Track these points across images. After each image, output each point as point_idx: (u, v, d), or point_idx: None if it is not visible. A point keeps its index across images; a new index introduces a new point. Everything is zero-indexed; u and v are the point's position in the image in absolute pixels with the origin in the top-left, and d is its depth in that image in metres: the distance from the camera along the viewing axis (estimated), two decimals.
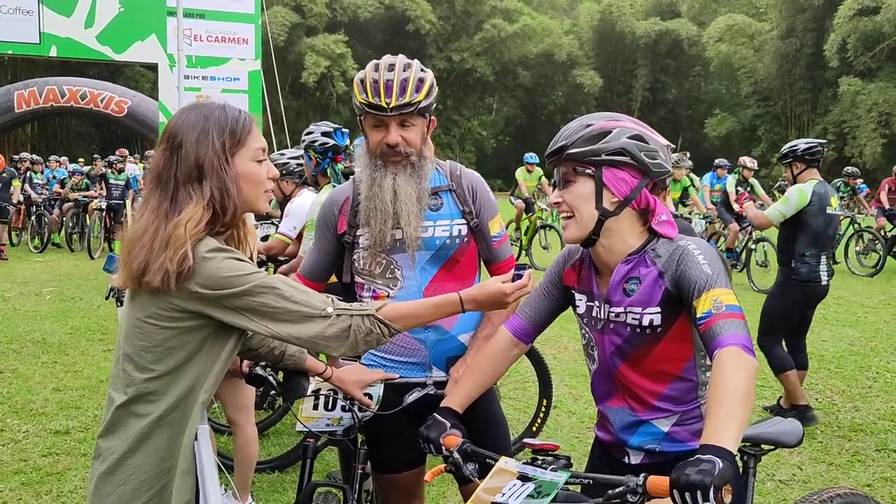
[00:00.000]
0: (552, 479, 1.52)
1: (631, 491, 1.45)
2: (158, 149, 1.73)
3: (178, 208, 1.65)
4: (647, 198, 1.79)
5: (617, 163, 1.75)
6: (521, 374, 5.11)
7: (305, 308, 1.68)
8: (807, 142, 5.11)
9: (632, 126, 1.78)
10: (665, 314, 1.75)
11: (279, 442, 4.52)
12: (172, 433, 1.67)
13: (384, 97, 2.10)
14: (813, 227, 4.84)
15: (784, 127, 42.97)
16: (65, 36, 10.44)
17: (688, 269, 1.70)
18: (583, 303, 1.92)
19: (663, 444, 1.83)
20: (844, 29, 35.95)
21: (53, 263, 12.20)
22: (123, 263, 1.66)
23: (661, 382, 1.81)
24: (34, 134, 33.38)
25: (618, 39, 46.34)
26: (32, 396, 5.28)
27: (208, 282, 1.61)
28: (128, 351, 1.68)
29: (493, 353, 2.02)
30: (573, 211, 1.79)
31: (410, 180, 2.17)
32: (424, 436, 1.86)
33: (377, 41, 42.27)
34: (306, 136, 4.05)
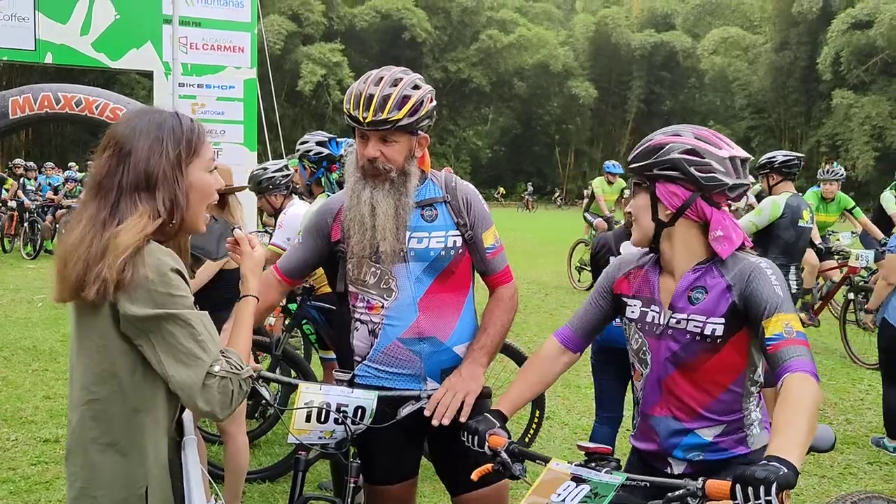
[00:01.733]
0: (609, 481, 1.55)
1: (691, 494, 1.49)
2: (101, 155, 1.62)
3: (118, 217, 1.56)
4: (703, 210, 1.82)
5: (669, 177, 1.81)
6: None
7: (203, 358, 1.56)
8: (785, 154, 5.17)
9: (688, 140, 1.81)
10: (728, 326, 1.80)
11: (270, 451, 4.50)
12: (124, 461, 1.58)
13: (362, 111, 2.09)
14: (784, 239, 4.91)
15: (778, 139, 43.19)
16: (60, 43, 10.43)
17: (760, 287, 1.75)
18: (637, 308, 1.96)
19: (707, 454, 1.86)
20: (838, 42, 36.23)
21: (46, 270, 12.14)
22: (60, 277, 1.55)
23: (710, 393, 1.85)
24: (28, 140, 33.32)
25: (613, 51, 46.58)
26: (22, 404, 5.24)
27: (141, 293, 1.51)
28: (76, 370, 1.61)
29: (542, 362, 2.09)
30: (636, 219, 1.92)
31: (388, 196, 2.16)
32: (472, 428, 1.90)
33: (373, 51, 42.36)
34: (301, 146, 4.05)
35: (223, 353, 1.62)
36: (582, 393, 5.67)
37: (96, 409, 1.58)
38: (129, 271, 1.50)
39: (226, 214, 3.43)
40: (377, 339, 2.25)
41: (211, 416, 1.59)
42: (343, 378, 2.28)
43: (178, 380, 1.54)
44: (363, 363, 2.29)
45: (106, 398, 1.57)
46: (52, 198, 15.16)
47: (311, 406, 2.13)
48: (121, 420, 1.58)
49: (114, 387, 1.57)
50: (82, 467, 1.60)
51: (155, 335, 1.54)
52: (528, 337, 7.57)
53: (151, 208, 1.58)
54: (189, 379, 1.54)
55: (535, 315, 9.03)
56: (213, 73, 10.75)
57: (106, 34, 10.47)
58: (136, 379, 1.58)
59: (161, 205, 1.59)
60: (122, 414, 1.58)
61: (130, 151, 1.59)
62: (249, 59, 11.06)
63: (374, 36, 42.81)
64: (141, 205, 1.57)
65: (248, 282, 1.86)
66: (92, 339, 1.57)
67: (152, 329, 1.53)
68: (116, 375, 1.57)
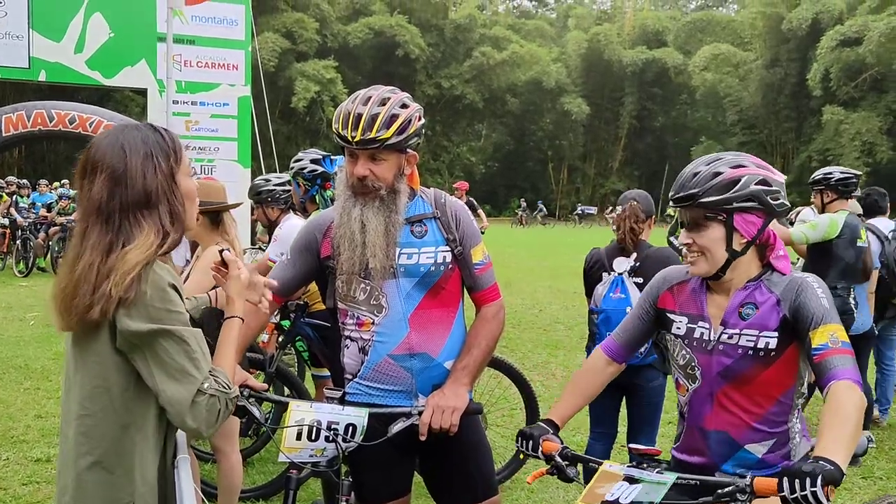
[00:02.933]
0: (661, 480, 1.65)
1: (740, 490, 1.60)
2: (93, 179, 1.60)
3: (123, 238, 1.56)
4: (770, 234, 1.95)
5: (747, 208, 1.88)
6: (508, 401, 5.09)
7: (196, 374, 1.58)
8: (842, 171, 4.89)
9: (757, 171, 1.89)
10: (781, 339, 1.88)
11: (264, 469, 4.47)
12: (110, 478, 1.58)
13: (350, 130, 2.11)
14: (845, 260, 4.70)
15: (769, 154, 43.46)
16: (54, 61, 10.46)
17: (808, 300, 1.85)
18: (683, 324, 2.03)
19: (755, 471, 1.85)
20: (827, 59, 36.60)
21: (38, 288, 12.08)
22: (66, 307, 1.55)
23: (762, 405, 1.91)
24: (21, 157, 33.27)
25: (605, 67, 46.92)
26: (13, 423, 5.21)
27: (139, 309, 1.53)
28: (71, 387, 1.63)
29: (590, 372, 2.19)
30: (704, 251, 1.92)
31: (378, 213, 2.17)
32: (527, 433, 1.98)
33: (367, 67, 42.55)
34: (295, 164, 4.07)
35: (211, 371, 1.63)
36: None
37: (87, 424, 1.58)
38: (134, 289, 1.52)
39: (220, 232, 3.42)
40: (367, 357, 2.25)
41: (196, 433, 1.61)
42: (334, 396, 2.28)
43: (169, 395, 1.56)
44: (354, 381, 2.29)
45: (96, 413, 1.58)
46: (46, 215, 15.12)
47: (301, 424, 2.12)
48: (110, 436, 1.58)
49: (105, 402, 1.58)
50: (71, 482, 1.60)
51: (149, 350, 1.55)
52: (522, 353, 7.55)
53: (156, 225, 1.60)
54: (179, 395, 1.56)
55: (530, 331, 9.02)
56: (207, 91, 10.79)
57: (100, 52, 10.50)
58: (127, 395, 1.59)
59: (164, 219, 1.61)
60: (112, 430, 1.58)
61: (125, 171, 1.59)
62: (243, 76, 11.10)
63: (368, 53, 43.01)
64: (144, 222, 1.59)
65: (234, 304, 1.87)
66: (88, 356, 1.58)
67: (147, 344, 1.55)
68: (109, 391, 1.58)
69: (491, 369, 4.33)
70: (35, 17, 10.31)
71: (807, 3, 38.69)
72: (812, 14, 38.09)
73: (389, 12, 42.90)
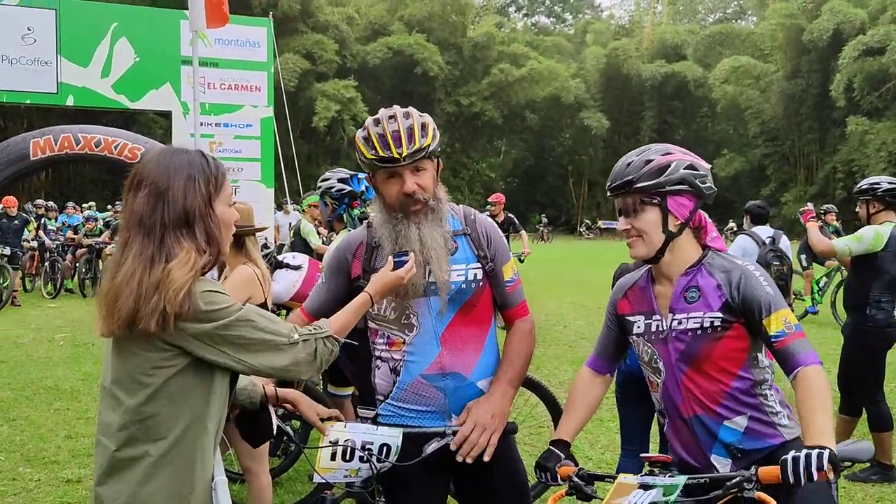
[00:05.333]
0: (673, 483, 1.77)
1: (746, 479, 1.74)
2: (137, 193, 1.70)
3: (165, 252, 1.64)
4: (701, 217, 2.09)
5: (678, 191, 2.02)
6: (536, 418, 5.04)
7: (277, 337, 1.74)
8: (890, 181, 4.73)
9: (684, 157, 2.05)
10: (724, 318, 1.99)
11: (292, 489, 4.46)
12: (175, 473, 1.66)
13: (395, 148, 2.10)
14: (890, 273, 4.58)
15: (793, 166, 43.04)
16: (81, 85, 10.66)
17: (754, 289, 1.97)
18: (641, 322, 2.14)
19: (745, 442, 2.01)
20: (850, 69, 36.23)
21: (66, 309, 12.24)
22: (108, 311, 1.64)
23: (722, 382, 2.01)
24: (48, 181, 33.81)
25: (624, 82, 46.83)
26: (44, 444, 5.25)
27: (195, 317, 1.64)
28: (117, 394, 1.67)
29: (581, 390, 2.28)
30: (642, 234, 2.05)
31: (434, 226, 2.18)
32: (542, 466, 2.07)
33: (386, 86, 42.85)
34: (322, 183, 4.08)
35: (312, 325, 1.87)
36: (605, 427, 5.60)
37: (149, 424, 1.65)
38: (187, 304, 1.61)
39: (243, 255, 3.44)
40: (399, 377, 2.23)
41: (298, 376, 1.81)
42: (367, 415, 2.26)
43: (267, 366, 1.73)
44: (386, 402, 2.27)
45: (158, 414, 1.66)
46: (73, 237, 15.34)
47: (335, 444, 2.11)
48: (173, 435, 1.66)
49: (166, 401, 1.66)
50: (127, 483, 1.65)
51: (223, 345, 1.67)
52: (548, 370, 7.50)
53: (195, 244, 1.68)
54: (272, 361, 1.72)
55: (554, 347, 8.96)
56: (230, 112, 10.93)
57: (126, 76, 10.69)
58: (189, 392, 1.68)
59: (201, 240, 1.69)
60: (178, 427, 1.66)
61: (167, 189, 1.68)
62: (266, 97, 11.23)
63: (387, 72, 43.32)
64: (185, 241, 1.67)
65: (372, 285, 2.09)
66: (139, 365, 1.66)
67: (219, 341, 1.67)
68: (170, 393, 1.66)
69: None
70: (63, 43, 10.52)
71: (827, 14, 38.37)
72: (833, 25, 37.77)
73: (408, 32, 43.22)
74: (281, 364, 1.74)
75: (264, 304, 3.38)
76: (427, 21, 44.10)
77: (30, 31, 10.52)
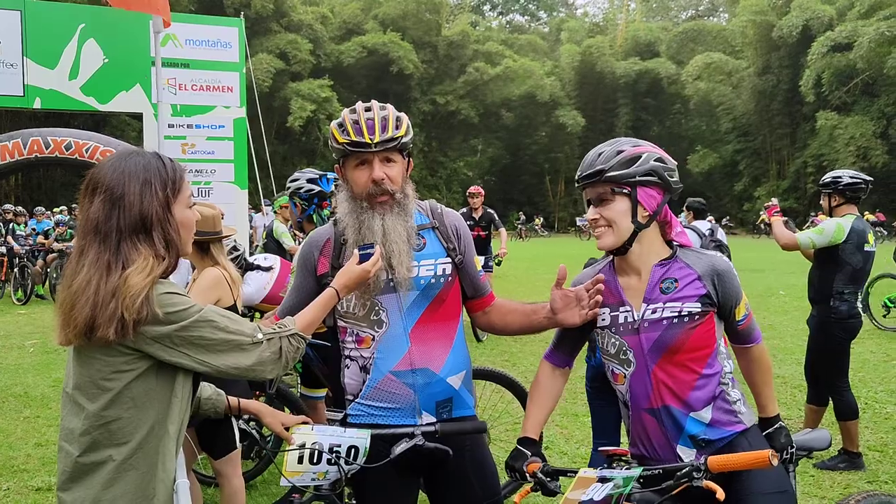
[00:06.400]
0: (629, 475, 1.83)
1: (695, 469, 1.80)
2: (92, 199, 1.68)
3: (122, 259, 1.63)
4: (668, 212, 2.12)
5: (648, 182, 2.05)
6: (511, 415, 5.06)
7: (239, 337, 1.72)
8: (852, 175, 4.82)
9: (654, 150, 2.09)
10: (702, 308, 2.05)
11: (267, 492, 4.44)
12: (139, 475, 1.66)
13: (367, 134, 2.13)
14: (851, 265, 4.67)
15: (765, 161, 43.63)
16: (49, 88, 10.48)
17: (730, 286, 2.08)
18: (606, 315, 2.16)
19: (709, 432, 2.06)
20: (818, 65, 36.83)
21: (37, 315, 12.05)
22: (65, 320, 1.62)
23: (693, 371, 2.06)
24: (18, 185, 33.30)
25: (598, 79, 47.19)
26: (14, 453, 5.17)
27: (155, 320, 1.62)
28: (79, 400, 1.67)
29: (543, 385, 2.31)
30: (611, 224, 2.07)
31: (398, 219, 2.18)
32: (510, 465, 2.12)
33: (361, 85, 42.73)
34: (291, 184, 4.06)
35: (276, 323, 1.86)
36: (580, 421, 5.64)
37: (112, 429, 1.65)
38: (146, 310, 1.60)
39: (207, 261, 3.40)
40: (369, 375, 2.22)
41: (263, 375, 1.78)
42: (335, 417, 2.25)
43: (229, 365, 1.71)
44: (355, 402, 2.26)
45: (121, 418, 1.65)
46: (43, 242, 15.11)
47: (302, 447, 2.09)
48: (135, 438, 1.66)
49: (128, 405, 1.65)
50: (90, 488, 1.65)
51: (185, 346, 1.66)
52: (524, 367, 7.53)
53: (153, 250, 1.66)
54: (235, 360, 1.72)
55: (531, 344, 8.99)
56: (202, 113, 10.82)
57: (94, 78, 10.54)
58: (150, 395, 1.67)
59: (159, 245, 1.67)
60: (141, 430, 1.66)
61: (123, 195, 1.66)
62: (239, 98, 11.14)
63: (362, 71, 43.21)
64: (141, 246, 1.65)
65: (338, 280, 2.08)
66: (99, 370, 1.64)
67: (179, 343, 1.65)
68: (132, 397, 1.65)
69: (493, 384, 4.30)
70: (29, 44, 10.35)
71: (796, 11, 38.97)
72: (802, 21, 38.37)
73: (382, 30, 43.17)
74: (245, 364, 1.73)
75: (233, 306, 3.35)
76: (401, 20, 44.08)
77: None
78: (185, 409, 1.76)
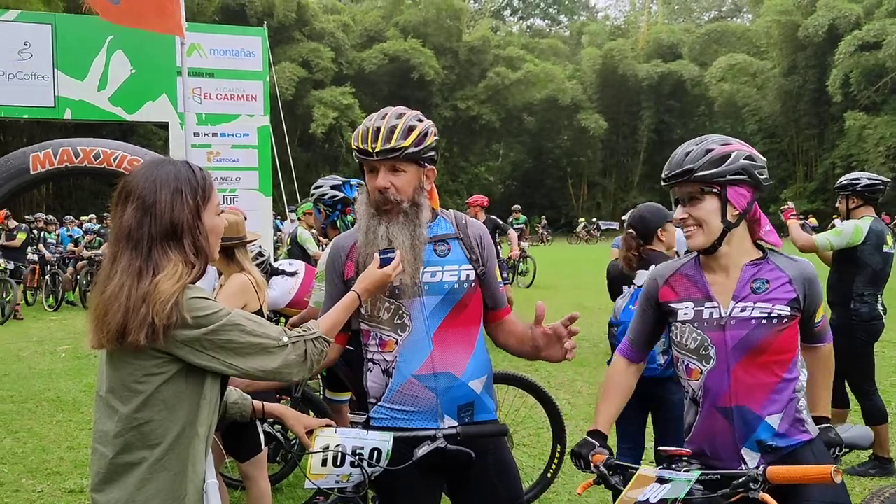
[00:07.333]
0: (686, 478, 1.82)
1: (752, 479, 1.79)
2: (125, 207, 1.72)
3: (153, 265, 1.67)
4: (757, 210, 2.12)
5: (737, 181, 2.04)
6: (534, 420, 5.07)
7: (266, 340, 1.77)
8: (869, 177, 4.84)
9: (743, 148, 2.09)
10: (791, 312, 2.06)
11: (292, 494, 4.49)
12: (171, 475, 1.70)
13: (370, 142, 2.17)
14: (871, 266, 4.67)
15: (791, 163, 43.06)
16: (78, 99, 10.69)
17: (818, 292, 2.10)
18: (689, 309, 2.14)
19: (776, 439, 2.05)
20: (846, 64, 36.26)
21: (68, 321, 12.28)
22: (98, 325, 1.67)
23: (775, 373, 2.05)
24: (49, 194, 33.90)
25: (620, 82, 46.89)
26: (47, 456, 5.28)
27: (184, 324, 1.66)
28: (112, 403, 1.71)
29: (615, 378, 2.33)
30: (700, 223, 2.07)
31: (404, 228, 2.20)
32: (576, 452, 2.16)
33: (383, 92, 42.91)
34: (315, 190, 4.11)
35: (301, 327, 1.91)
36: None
37: (144, 431, 1.68)
38: (175, 315, 1.64)
39: (233, 266, 3.46)
40: (391, 379, 2.25)
41: (289, 378, 1.83)
42: (358, 420, 2.29)
43: (256, 368, 1.76)
44: (378, 405, 2.29)
45: (153, 420, 1.69)
46: (73, 250, 15.38)
47: (326, 450, 2.13)
48: (168, 440, 1.70)
49: (159, 407, 1.69)
50: (124, 489, 1.69)
51: (213, 350, 1.71)
52: (547, 371, 7.52)
53: (183, 256, 1.71)
54: (262, 363, 1.76)
55: None
56: (227, 122, 10.96)
57: (122, 88, 10.73)
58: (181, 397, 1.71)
59: (189, 252, 1.72)
60: (172, 432, 1.70)
61: (154, 203, 1.70)
62: (262, 106, 11.27)
63: (384, 78, 43.39)
64: (172, 253, 1.70)
65: (359, 284, 2.13)
66: (131, 374, 1.69)
67: (209, 346, 1.70)
68: (163, 399, 1.69)
69: (516, 388, 4.32)
70: (59, 57, 10.57)
71: (822, 10, 38.42)
72: (828, 20, 37.82)
73: (403, 37, 43.32)
74: (271, 367, 1.77)
75: (260, 311, 3.41)
76: (422, 26, 44.21)
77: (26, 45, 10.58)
78: (213, 411, 1.80)
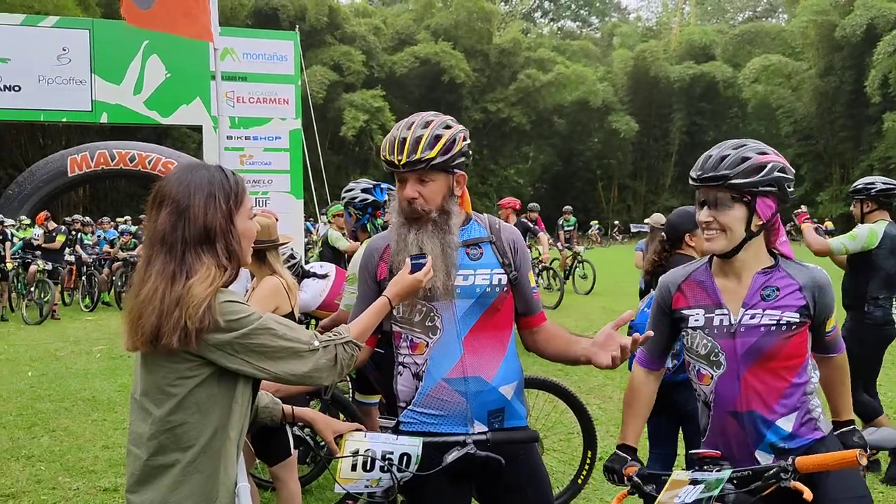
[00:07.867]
0: (718, 477, 1.88)
1: (783, 469, 1.88)
2: (159, 211, 1.74)
3: (186, 269, 1.69)
4: (777, 220, 2.15)
5: (768, 192, 2.06)
6: (564, 425, 5.03)
7: (297, 344, 1.77)
8: (884, 181, 4.84)
9: (778, 159, 2.10)
10: (800, 318, 2.08)
11: (322, 497, 4.51)
12: (204, 477, 1.72)
13: (396, 154, 2.17)
14: (886, 270, 4.66)
15: (827, 165, 42.27)
16: (115, 102, 10.90)
17: (829, 299, 2.12)
18: (700, 316, 2.17)
19: (788, 441, 2.08)
20: (885, 65, 35.47)
21: (103, 322, 12.50)
22: (133, 327, 1.69)
23: (785, 379, 2.08)
24: (86, 196, 34.56)
25: (652, 84, 46.45)
26: (83, 454, 5.38)
27: (216, 328, 1.68)
28: (146, 405, 1.73)
29: (636, 391, 2.34)
30: (725, 229, 2.08)
31: (433, 236, 2.20)
32: (609, 468, 2.20)
33: (414, 95, 43.06)
34: (346, 193, 4.13)
35: (332, 331, 1.92)
36: None
37: (178, 433, 1.70)
38: (208, 318, 1.66)
39: (265, 269, 3.49)
40: (422, 382, 2.25)
41: (319, 382, 1.85)
42: (388, 425, 2.28)
43: (287, 372, 1.77)
44: (408, 409, 2.29)
45: (186, 423, 1.71)
46: (109, 251, 15.65)
47: (356, 455, 2.12)
48: (200, 441, 1.71)
49: (192, 410, 1.71)
50: (158, 491, 1.71)
51: (245, 353, 1.72)
52: (577, 377, 7.47)
53: (216, 260, 1.72)
54: (293, 367, 1.77)
55: None
56: (259, 125, 11.09)
57: (157, 92, 10.92)
58: (213, 399, 1.73)
59: (222, 255, 1.73)
60: (205, 434, 1.72)
61: (188, 207, 1.72)
62: (294, 109, 11.38)
63: (414, 81, 43.53)
64: (205, 257, 1.72)
65: (390, 288, 2.12)
66: (165, 377, 1.71)
67: (241, 350, 1.72)
68: (196, 402, 1.71)
69: (546, 394, 4.29)
70: (97, 62, 10.78)
71: (860, 10, 37.64)
72: (866, 20, 37.05)
73: (434, 40, 43.41)
74: (302, 371, 1.78)
75: (291, 313, 3.43)
76: (453, 29, 44.26)
77: (65, 51, 10.82)
78: (245, 414, 1.81)
